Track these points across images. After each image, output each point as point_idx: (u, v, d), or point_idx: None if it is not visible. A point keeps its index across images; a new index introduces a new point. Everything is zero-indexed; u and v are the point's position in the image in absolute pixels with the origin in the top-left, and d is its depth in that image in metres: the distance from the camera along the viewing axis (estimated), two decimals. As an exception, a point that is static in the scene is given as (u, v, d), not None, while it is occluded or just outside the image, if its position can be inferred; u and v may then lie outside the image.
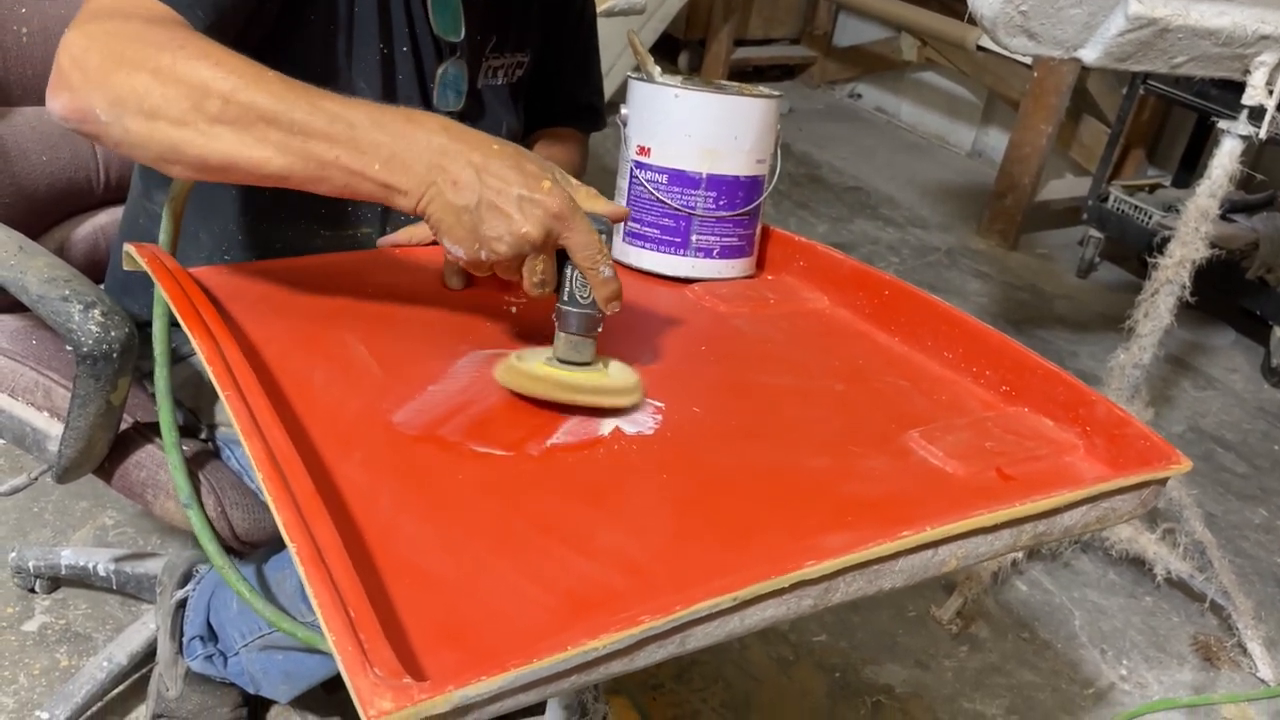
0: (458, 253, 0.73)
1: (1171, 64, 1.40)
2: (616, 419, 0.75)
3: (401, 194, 0.71)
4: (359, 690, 0.45)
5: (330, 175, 0.71)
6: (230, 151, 0.70)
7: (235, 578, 0.71)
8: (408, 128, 0.71)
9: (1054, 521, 0.70)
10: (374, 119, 0.70)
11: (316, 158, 0.70)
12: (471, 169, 0.70)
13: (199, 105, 0.69)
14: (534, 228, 0.70)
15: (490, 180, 0.70)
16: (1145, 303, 1.64)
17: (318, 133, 0.70)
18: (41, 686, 1.35)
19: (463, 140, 0.71)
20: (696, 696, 1.48)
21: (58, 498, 1.65)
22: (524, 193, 0.70)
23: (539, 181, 0.70)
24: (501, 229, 0.70)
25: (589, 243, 0.72)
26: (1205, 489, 2.20)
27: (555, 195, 0.71)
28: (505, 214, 0.70)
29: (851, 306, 1.01)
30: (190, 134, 0.70)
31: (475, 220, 0.70)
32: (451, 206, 0.70)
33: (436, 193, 0.70)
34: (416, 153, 0.70)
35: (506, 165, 0.70)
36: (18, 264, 0.86)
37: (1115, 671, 1.69)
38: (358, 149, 0.70)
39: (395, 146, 0.70)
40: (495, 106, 1.10)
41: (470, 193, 0.70)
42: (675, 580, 0.59)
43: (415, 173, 0.70)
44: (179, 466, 0.76)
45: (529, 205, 0.70)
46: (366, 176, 0.70)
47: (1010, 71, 3.68)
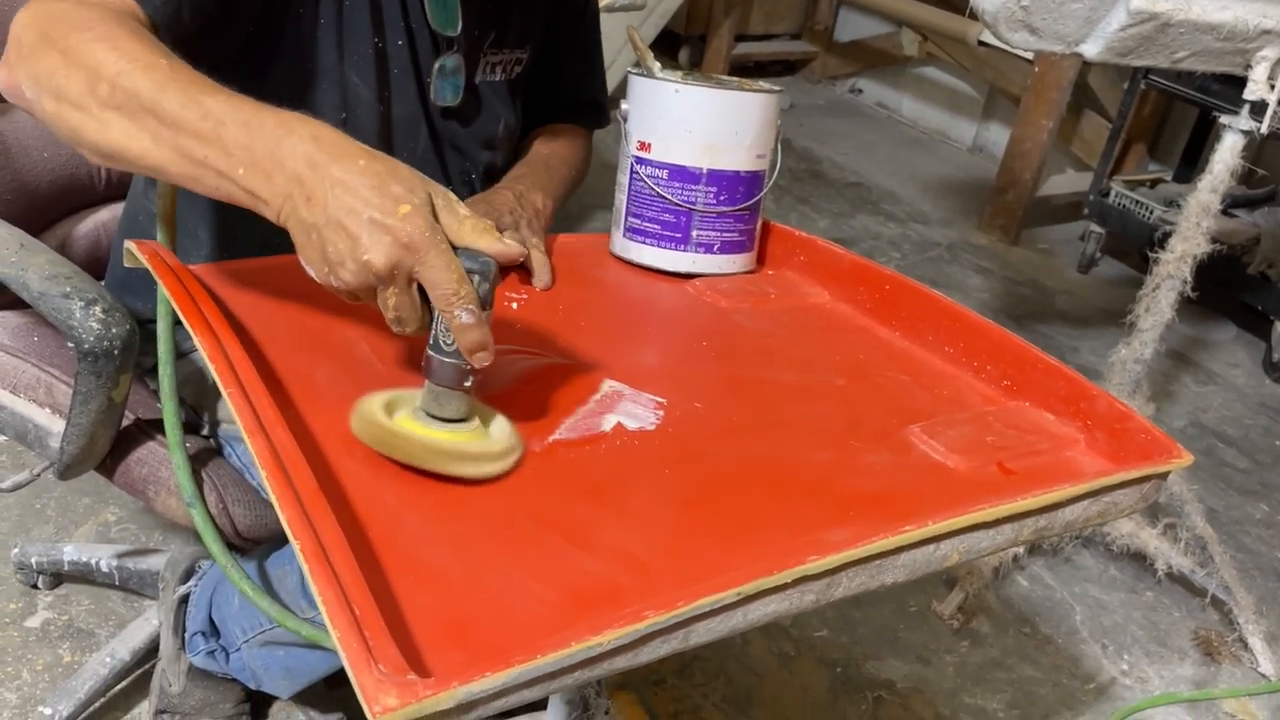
0: (310, 273, 0.67)
1: (1173, 59, 1.40)
2: (618, 415, 0.75)
3: (264, 203, 0.66)
4: (364, 687, 0.45)
5: (203, 175, 0.67)
6: (117, 139, 0.68)
7: (239, 576, 0.71)
8: (277, 132, 0.66)
9: (1055, 516, 0.70)
10: (245, 119, 0.66)
11: (189, 154, 0.67)
12: (328, 184, 0.64)
13: (93, 88, 0.68)
14: (377, 255, 0.63)
15: (344, 198, 0.63)
16: (1146, 298, 1.64)
17: (188, 127, 0.66)
18: (44, 682, 1.35)
19: (330, 151, 0.65)
20: (698, 692, 1.49)
21: (60, 494, 1.65)
22: (376, 216, 0.63)
23: (396, 205, 0.63)
24: (345, 252, 0.63)
25: (444, 280, 0.63)
26: (1206, 484, 2.20)
27: (410, 222, 0.63)
28: (352, 236, 0.63)
29: (852, 301, 1.01)
30: (85, 118, 0.68)
31: (322, 240, 0.64)
32: (303, 222, 0.65)
33: (293, 207, 0.65)
34: (280, 160, 0.65)
35: (367, 184, 0.64)
36: (19, 261, 0.86)
37: (1116, 666, 1.69)
38: (224, 150, 0.66)
39: (260, 151, 0.65)
40: (493, 102, 1.10)
41: (320, 210, 0.64)
42: (678, 576, 0.59)
43: (275, 183, 0.65)
44: (183, 466, 0.76)
45: (378, 230, 0.63)
46: (232, 180, 0.66)
47: (1011, 66, 3.67)
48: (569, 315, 0.92)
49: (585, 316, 0.93)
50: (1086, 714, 1.59)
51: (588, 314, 0.94)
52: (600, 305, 0.97)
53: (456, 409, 0.67)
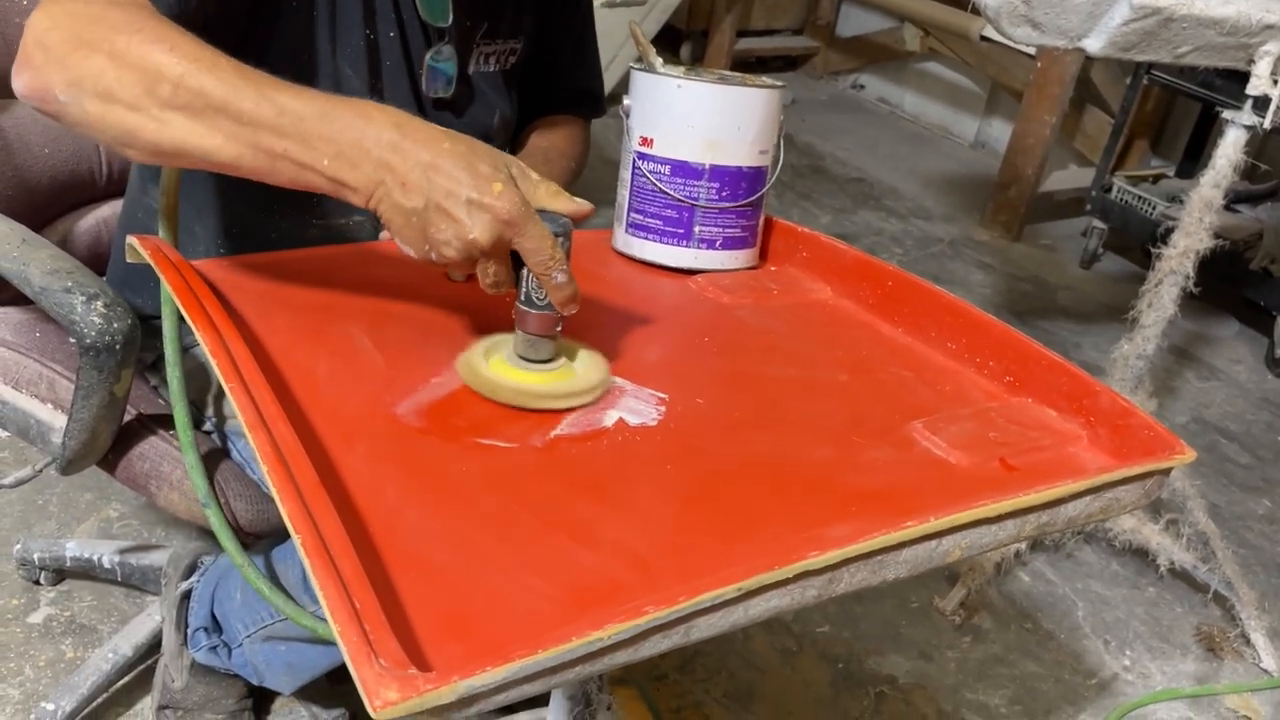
0: (408, 252, 0.71)
1: (1176, 54, 1.39)
2: (620, 411, 0.75)
3: (351, 190, 0.69)
4: (364, 681, 0.45)
5: (280, 167, 0.69)
6: (181, 138, 0.69)
7: (255, 575, 0.71)
8: (358, 122, 0.68)
9: (1057, 512, 0.70)
10: (323, 112, 0.69)
11: (265, 149, 0.69)
12: (420, 169, 0.67)
13: (151, 90, 0.68)
14: (482, 234, 0.68)
15: (439, 181, 0.67)
16: (1149, 293, 1.64)
17: (266, 124, 0.68)
18: (47, 678, 1.35)
19: (414, 137, 0.68)
20: (700, 687, 1.49)
21: (62, 490, 1.65)
22: (473, 196, 0.67)
23: (490, 184, 0.68)
24: (449, 234, 0.68)
25: (540, 248, 0.70)
26: (1209, 480, 2.20)
27: (506, 199, 0.68)
28: (454, 218, 0.67)
29: (855, 297, 1.01)
30: (143, 119, 0.69)
31: (423, 223, 0.68)
32: (400, 208, 0.68)
33: (385, 192, 0.68)
34: (366, 149, 0.68)
35: (458, 165, 0.68)
36: (20, 256, 0.86)
37: (1118, 662, 1.69)
38: (306, 143, 0.68)
39: (344, 142, 0.68)
40: (487, 93, 1.10)
41: (418, 195, 0.67)
42: (679, 571, 0.59)
43: (364, 170, 0.68)
44: (196, 467, 0.76)
45: (478, 210, 0.67)
46: (316, 170, 0.69)
47: (1014, 62, 3.67)
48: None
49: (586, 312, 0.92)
50: (1088, 710, 1.59)
51: (589, 310, 0.93)
52: (602, 301, 0.97)
53: (548, 351, 0.76)
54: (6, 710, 1.30)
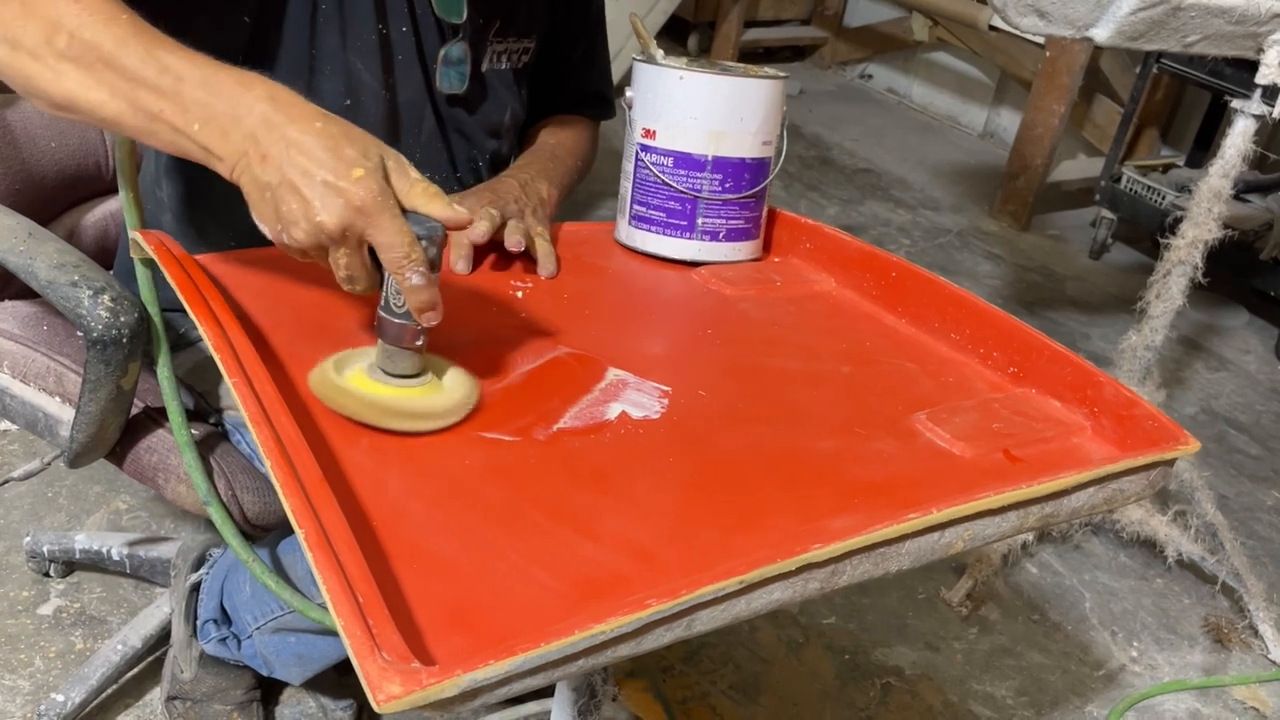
0: (264, 230, 0.69)
1: (1184, 42, 1.38)
2: (622, 403, 0.75)
3: (218, 160, 0.68)
4: (367, 675, 0.45)
5: (157, 129, 0.69)
6: (71, 89, 0.69)
7: (260, 569, 0.71)
8: (235, 90, 0.67)
9: (1061, 503, 0.69)
10: (204, 77, 0.68)
11: (144, 108, 0.68)
12: (283, 144, 0.66)
13: (50, 39, 0.68)
14: (330, 217, 0.65)
15: (298, 158, 0.65)
16: (1157, 284, 1.63)
17: (146, 81, 0.68)
18: (57, 669, 1.36)
19: (286, 112, 0.67)
20: (706, 679, 1.49)
21: (72, 482, 1.66)
22: (329, 178, 0.65)
23: (350, 168, 0.65)
24: (298, 213, 0.66)
25: (394, 244, 0.65)
26: (1217, 471, 2.19)
27: (362, 185, 0.65)
28: (304, 198, 0.65)
29: (858, 288, 1.01)
30: (41, 67, 0.69)
31: (275, 199, 0.66)
32: (256, 181, 0.67)
33: (246, 164, 0.67)
34: (238, 118, 0.67)
35: (321, 145, 0.65)
36: (27, 250, 0.86)
37: (1126, 653, 1.69)
38: (181, 105, 0.67)
39: (217, 108, 0.67)
40: (499, 90, 1.10)
41: (275, 170, 0.66)
42: (682, 564, 0.59)
43: (231, 140, 0.67)
44: (195, 465, 0.77)
45: (331, 192, 0.65)
46: (188, 136, 0.68)
47: (1022, 51, 3.65)
48: (574, 303, 0.92)
49: (590, 305, 0.93)
50: (1096, 701, 1.58)
51: (593, 302, 0.94)
52: (605, 293, 0.97)
53: (409, 365, 0.70)
54: (17, 701, 1.31)
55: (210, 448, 0.96)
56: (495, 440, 0.70)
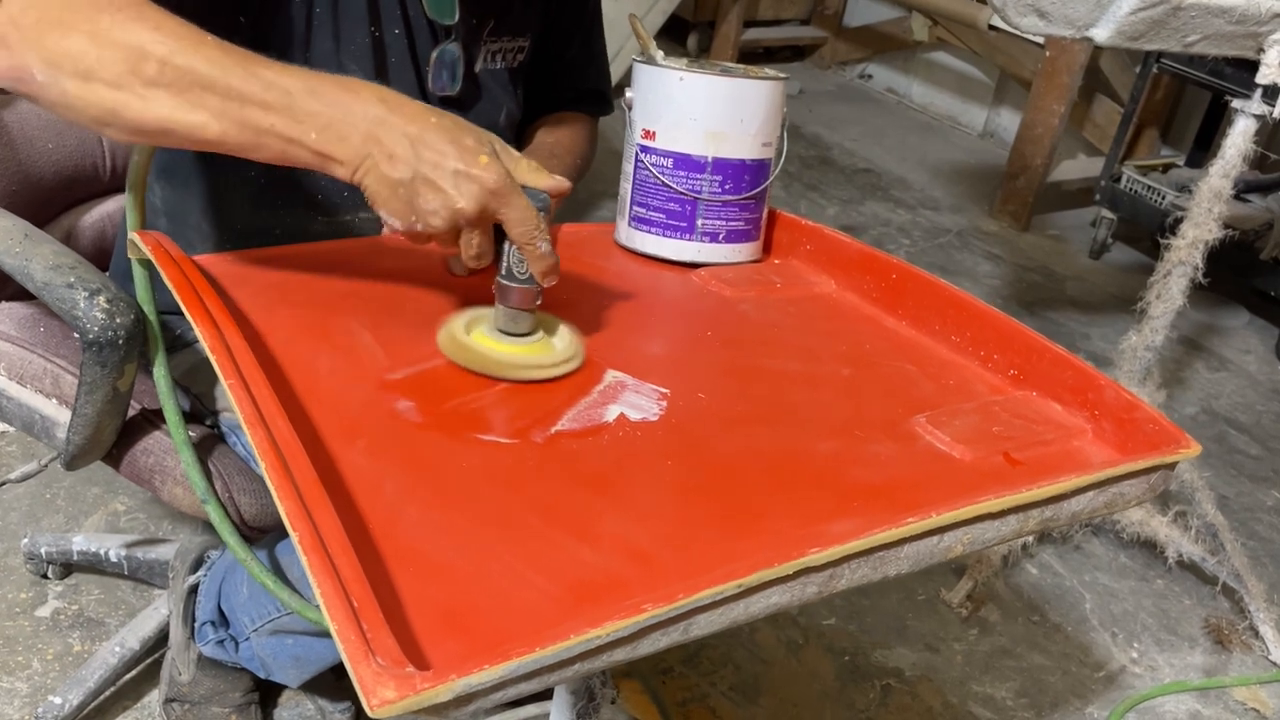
0: (394, 224, 0.73)
1: (1184, 42, 1.38)
2: (621, 405, 0.75)
3: (338, 164, 0.70)
4: (361, 679, 0.45)
5: (266, 142, 0.70)
6: (166, 115, 0.69)
7: (258, 569, 0.71)
8: (344, 96, 0.70)
9: (1061, 507, 0.69)
10: (310, 87, 0.70)
11: (252, 124, 0.69)
12: (407, 141, 0.69)
13: (135, 68, 0.68)
14: (468, 203, 0.70)
15: (426, 154, 0.70)
16: (1158, 284, 1.63)
17: (253, 99, 0.69)
18: (55, 671, 1.36)
19: (399, 112, 0.70)
20: (706, 680, 1.49)
21: (70, 484, 1.66)
22: (460, 167, 0.70)
23: (475, 156, 0.70)
24: (436, 203, 0.70)
25: (525, 218, 0.72)
26: (1218, 471, 2.19)
27: (491, 170, 0.70)
28: (440, 189, 0.70)
29: (858, 290, 1.01)
30: (126, 97, 0.69)
31: (410, 194, 0.70)
32: (387, 179, 0.70)
33: (372, 165, 0.70)
34: (353, 123, 0.69)
35: (443, 139, 0.70)
36: (23, 251, 0.86)
37: (1126, 654, 1.68)
38: (293, 117, 0.69)
39: (331, 116, 0.69)
40: (494, 91, 1.09)
41: (405, 166, 0.70)
42: (679, 568, 0.59)
43: (351, 143, 0.69)
44: (192, 464, 0.76)
45: (464, 180, 0.70)
46: (303, 145, 0.70)
47: (1022, 51, 3.65)
48: (573, 305, 0.92)
49: (589, 306, 0.93)
50: (1096, 702, 1.58)
51: (591, 304, 0.93)
52: (604, 295, 0.97)
53: (529, 324, 0.79)
54: (14, 703, 1.31)
55: (207, 449, 0.96)
56: (492, 442, 0.69)
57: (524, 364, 0.77)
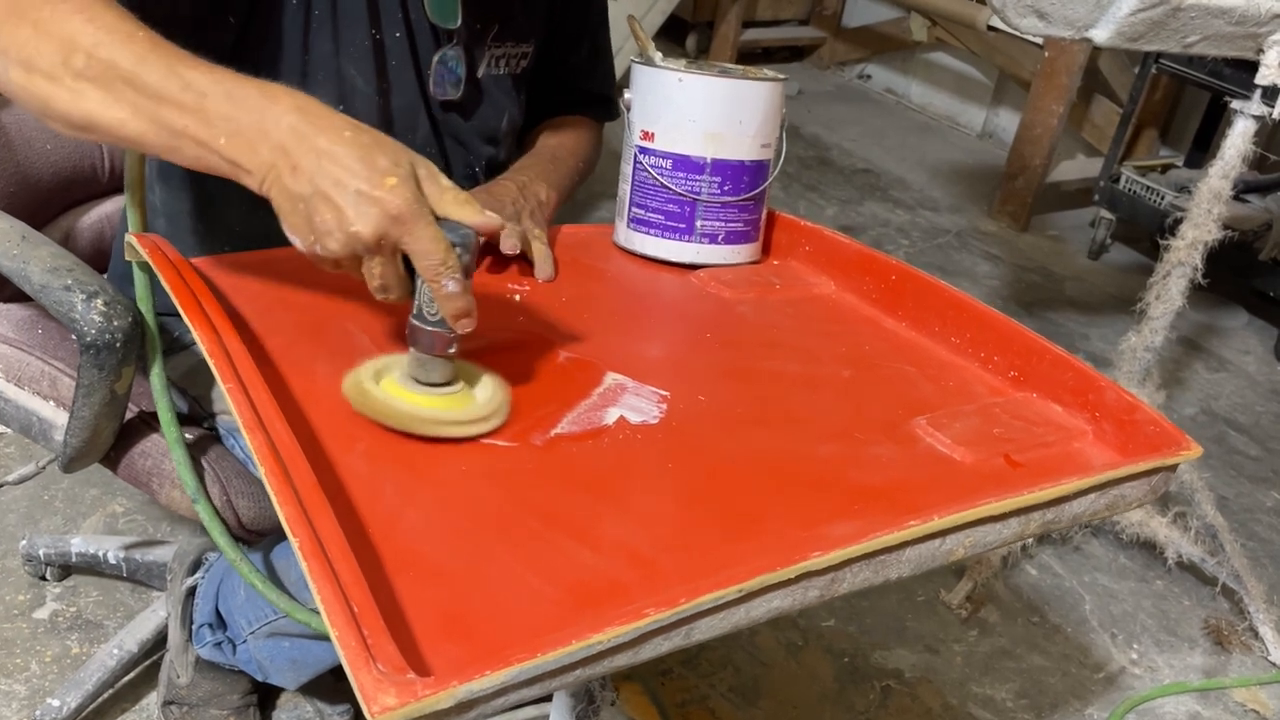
0: (295, 242, 0.69)
1: (1184, 43, 1.38)
2: (621, 408, 0.75)
3: (246, 172, 0.67)
4: (362, 686, 0.45)
5: (181, 145, 0.68)
6: (90, 110, 0.68)
7: (249, 569, 0.71)
8: (261, 102, 0.67)
9: (1063, 509, 0.69)
10: (228, 91, 0.67)
11: (168, 125, 0.67)
12: (314, 155, 0.65)
13: (67, 59, 0.67)
14: (365, 226, 0.65)
15: (330, 168, 0.65)
16: (1157, 285, 1.63)
17: (170, 99, 0.67)
18: (53, 674, 1.35)
19: (315, 123, 0.67)
20: (705, 682, 1.48)
21: (68, 486, 1.65)
22: (363, 187, 0.64)
23: (383, 177, 0.65)
24: (332, 223, 0.65)
25: (430, 251, 0.65)
26: (1217, 472, 2.19)
27: (397, 194, 0.65)
28: (338, 207, 0.65)
29: (858, 291, 1.00)
30: (57, 89, 0.68)
31: (309, 210, 0.66)
32: (288, 192, 0.66)
33: (276, 176, 0.66)
34: (265, 130, 0.66)
35: (353, 155, 0.65)
36: (20, 254, 0.86)
37: (1126, 655, 1.68)
38: (206, 120, 0.67)
39: (243, 122, 0.66)
40: (496, 96, 1.09)
41: (306, 180, 0.65)
42: (680, 572, 0.58)
43: (259, 153, 0.66)
44: (183, 462, 0.76)
45: (364, 201, 0.64)
46: (213, 150, 0.67)
47: (1021, 51, 3.65)
48: (572, 307, 0.91)
49: (588, 308, 0.92)
50: (1096, 703, 1.58)
51: (590, 306, 0.93)
52: (603, 297, 0.97)
53: (441, 374, 0.70)
54: (12, 706, 1.30)
55: (204, 452, 0.95)
56: (491, 446, 0.69)
57: (433, 418, 0.69)
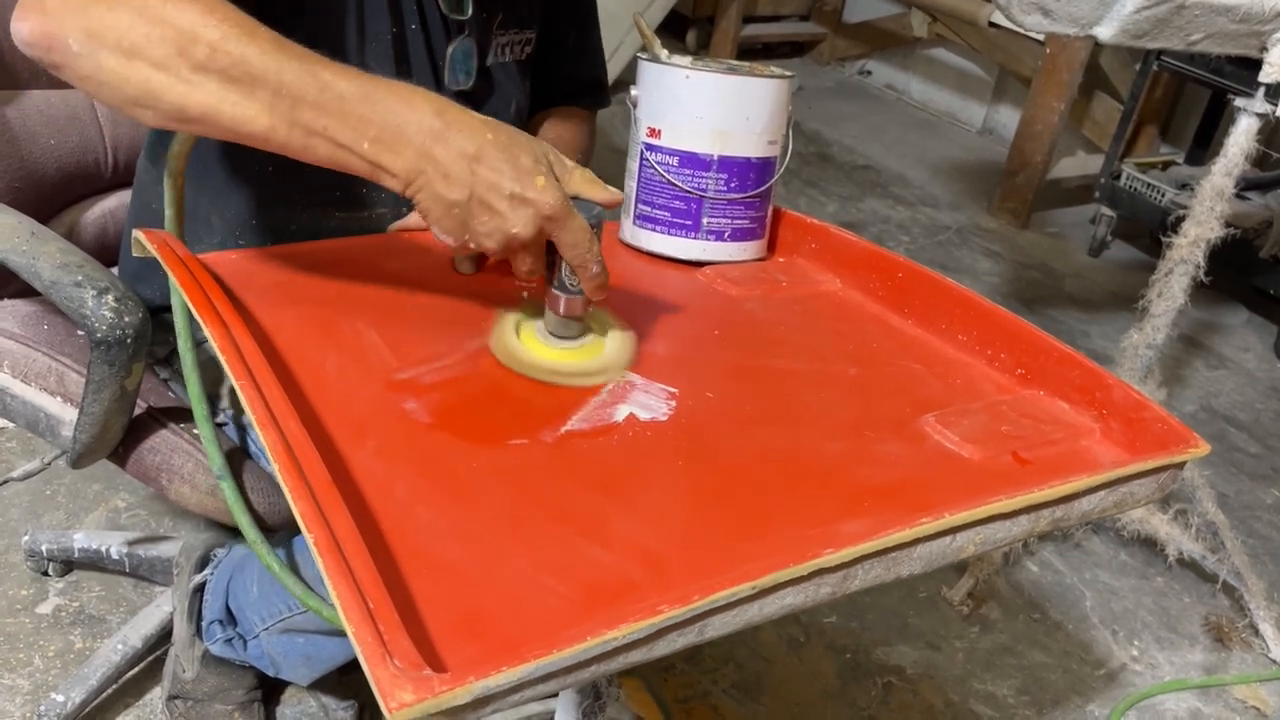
0: (446, 240, 0.72)
1: (1187, 41, 1.38)
2: (630, 406, 0.75)
3: (390, 175, 0.69)
4: (379, 682, 0.45)
5: (315, 144, 0.68)
6: (212, 104, 0.66)
7: (266, 552, 0.70)
8: (399, 107, 0.68)
9: (1072, 506, 0.69)
10: (365, 93, 0.67)
11: (303, 124, 0.67)
12: (464, 161, 0.68)
13: (184, 50, 0.65)
14: (524, 228, 0.69)
15: (483, 173, 0.68)
16: (1159, 282, 1.63)
17: (308, 99, 0.67)
18: (56, 669, 1.36)
19: (456, 126, 0.68)
20: (707, 678, 1.49)
21: (70, 481, 1.65)
22: (516, 190, 0.68)
23: (532, 178, 0.69)
24: (491, 226, 0.69)
25: (578, 242, 0.72)
26: (1218, 469, 2.19)
27: (548, 194, 0.69)
28: (496, 212, 0.69)
29: (864, 289, 1.00)
30: (170, 79, 0.66)
31: (465, 214, 0.69)
32: (441, 199, 0.69)
33: (426, 181, 0.68)
34: (408, 135, 0.67)
35: (501, 158, 0.68)
36: (30, 250, 0.86)
37: (1126, 652, 1.69)
38: (346, 123, 0.67)
39: (385, 126, 0.67)
40: (505, 84, 1.09)
41: (461, 187, 0.68)
42: (692, 569, 0.58)
43: (405, 157, 0.68)
44: (211, 440, 0.75)
45: (520, 205, 0.69)
46: (354, 152, 0.68)
47: (1022, 48, 3.65)
48: (580, 303, 0.92)
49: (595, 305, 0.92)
50: (1096, 700, 1.59)
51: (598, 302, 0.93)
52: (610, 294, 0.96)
53: (578, 330, 0.81)
54: (16, 701, 1.30)
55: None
56: (501, 443, 0.69)
57: (575, 371, 0.78)
